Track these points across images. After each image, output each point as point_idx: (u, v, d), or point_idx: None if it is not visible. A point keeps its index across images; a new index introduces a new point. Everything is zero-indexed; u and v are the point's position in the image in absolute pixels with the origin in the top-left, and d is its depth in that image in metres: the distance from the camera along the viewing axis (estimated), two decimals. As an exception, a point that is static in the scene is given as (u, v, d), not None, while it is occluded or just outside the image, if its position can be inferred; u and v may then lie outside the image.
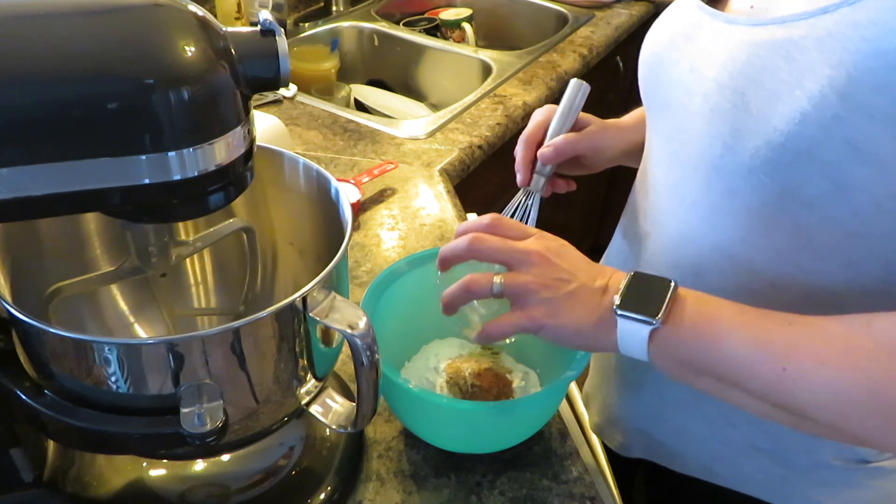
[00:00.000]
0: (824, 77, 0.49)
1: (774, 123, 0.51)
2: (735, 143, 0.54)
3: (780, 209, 0.54)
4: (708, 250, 0.61)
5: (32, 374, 0.52)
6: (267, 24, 0.46)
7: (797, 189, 0.52)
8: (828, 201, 0.52)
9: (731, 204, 0.57)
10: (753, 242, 0.58)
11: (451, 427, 0.67)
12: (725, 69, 0.56)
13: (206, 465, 0.65)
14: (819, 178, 0.51)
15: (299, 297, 0.49)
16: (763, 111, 0.52)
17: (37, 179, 0.41)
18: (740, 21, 0.57)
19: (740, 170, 0.55)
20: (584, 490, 0.67)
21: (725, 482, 0.72)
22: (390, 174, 1.10)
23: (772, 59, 0.52)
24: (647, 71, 0.68)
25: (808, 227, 0.54)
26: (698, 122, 0.58)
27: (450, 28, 1.68)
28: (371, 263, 0.94)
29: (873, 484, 0.66)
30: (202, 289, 0.73)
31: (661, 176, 0.67)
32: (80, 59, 0.40)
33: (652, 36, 0.68)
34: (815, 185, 0.51)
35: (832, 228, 0.53)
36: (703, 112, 0.58)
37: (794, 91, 0.50)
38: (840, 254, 0.54)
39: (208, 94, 0.42)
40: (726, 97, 0.55)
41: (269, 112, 1.26)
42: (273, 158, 0.63)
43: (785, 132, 0.50)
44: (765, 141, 0.52)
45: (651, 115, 0.69)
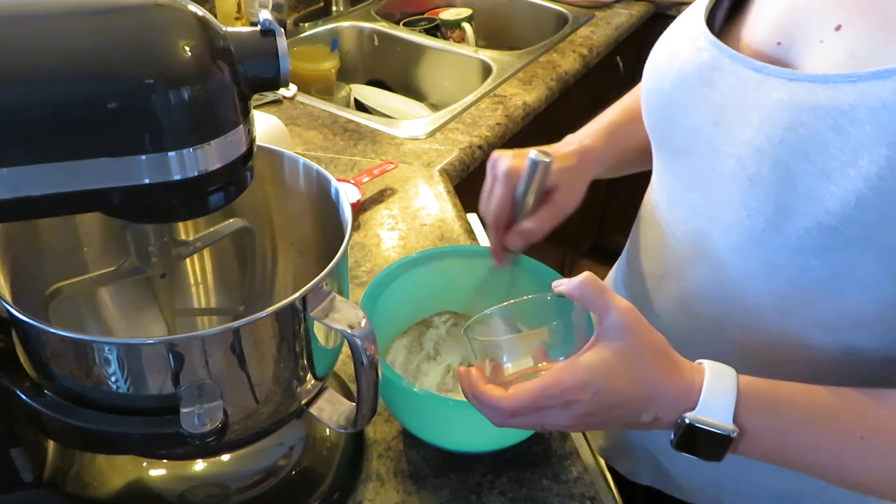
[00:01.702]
0: (881, 156, 0.44)
1: (826, 205, 0.46)
2: (780, 221, 0.50)
3: (826, 290, 0.51)
4: (736, 310, 0.58)
5: (32, 374, 0.52)
6: (267, 24, 0.46)
7: (849, 273, 0.48)
8: (880, 286, 0.48)
9: (771, 277, 0.53)
10: (791, 311, 0.54)
11: (450, 427, 0.67)
12: (763, 134, 0.50)
13: (206, 465, 0.65)
14: (875, 263, 0.47)
15: (299, 297, 0.49)
16: (812, 189, 0.47)
17: (37, 179, 0.41)
18: (772, 72, 0.51)
19: (786, 248, 0.51)
20: (584, 490, 0.67)
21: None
22: (390, 174, 1.10)
23: (818, 129, 0.47)
24: (656, 112, 0.62)
25: (856, 306, 0.51)
26: (733, 189, 0.53)
27: (450, 28, 1.68)
28: (371, 263, 0.94)
29: None
30: (202, 289, 0.73)
31: (678, 221, 0.63)
32: (80, 59, 0.40)
33: (657, 68, 0.61)
34: (868, 270, 0.47)
35: (883, 308, 0.50)
36: (738, 179, 0.53)
37: (847, 170, 0.45)
38: (885, 329, 0.51)
39: (208, 94, 0.42)
40: (767, 167, 0.50)
41: (269, 112, 1.26)
42: (273, 158, 0.63)
43: (839, 215, 0.46)
44: (816, 223, 0.47)
45: (663, 157, 0.64)
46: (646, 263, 0.69)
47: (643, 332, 0.49)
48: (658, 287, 0.66)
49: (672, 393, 0.49)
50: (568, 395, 0.49)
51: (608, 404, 0.49)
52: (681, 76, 0.58)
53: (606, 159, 0.71)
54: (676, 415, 0.49)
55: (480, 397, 0.52)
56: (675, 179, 0.62)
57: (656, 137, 0.64)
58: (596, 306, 0.50)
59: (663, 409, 0.49)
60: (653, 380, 0.49)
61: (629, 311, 0.49)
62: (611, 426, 0.51)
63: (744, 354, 0.58)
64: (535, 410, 0.50)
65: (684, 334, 0.58)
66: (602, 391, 0.48)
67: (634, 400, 0.49)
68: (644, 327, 0.49)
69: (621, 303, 0.49)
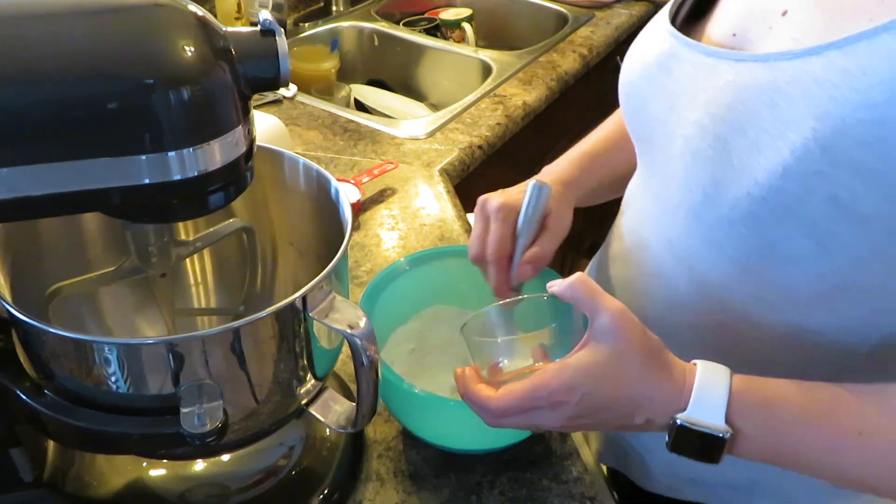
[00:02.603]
0: (808, 129, 0.46)
1: (756, 176, 0.49)
2: (715, 193, 0.52)
3: (760, 262, 0.52)
4: (684, 290, 0.59)
5: (32, 374, 0.52)
6: (267, 24, 0.46)
7: (778, 244, 0.50)
8: (809, 257, 0.50)
9: (711, 252, 0.55)
10: (732, 288, 0.56)
11: (450, 427, 0.67)
12: (707, 112, 0.53)
13: (206, 465, 0.65)
14: (802, 236, 0.49)
15: (299, 297, 0.49)
16: (745, 162, 0.49)
17: (37, 179, 0.41)
18: (721, 55, 0.54)
19: (720, 221, 0.53)
20: (584, 490, 0.67)
21: (691, 498, 0.72)
22: (390, 174, 1.10)
23: (755, 105, 0.49)
24: (625, 101, 0.65)
25: (791, 280, 0.52)
26: (679, 166, 0.56)
27: (450, 28, 1.68)
28: (371, 263, 0.94)
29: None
30: (202, 289, 0.73)
31: (640, 208, 0.66)
32: (80, 59, 0.40)
33: (628, 63, 0.65)
34: (796, 241, 0.49)
35: (817, 283, 0.51)
36: (683, 156, 0.55)
37: (776, 142, 0.47)
38: (824, 304, 0.53)
39: (208, 94, 0.42)
40: (708, 143, 0.52)
41: (269, 112, 1.26)
42: (273, 158, 0.63)
43: (766, 185, 0.48)
44: (745, 193, 0.50)
45: (636, 145, 0.67)
46: (614, 246, 0.71)
47: (633, 333, 0.49)
48: (620, 270, 0.69)
49: (662, 395, 0.49)
50: (555, 397, 0.49)
51: (597, 407, 0.50)
52: (644, 67, 0.60)
53: (585, 187, 0.73)
54: (669, 416, 0.49)
55: (472, 397, 0.53)
56: (643, 167, 0.66)
57: (631, 128, 0.66)
58: (586, 307, 0.50)
59: (655, 412, 0.49)
60: (642, 382, 0.49)
61: (620, 313, 0.49)
62: (603, 428, 0.52)
63: (694, 336, 0.60)
64: (524, 411, 0.51)
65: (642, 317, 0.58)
66: (590, 394, 0.49)
67: (624, 402, 0.49)
68: (635, 329, 0.50)
69: (612, 304, 0.49)
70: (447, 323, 0.77)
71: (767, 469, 0.60)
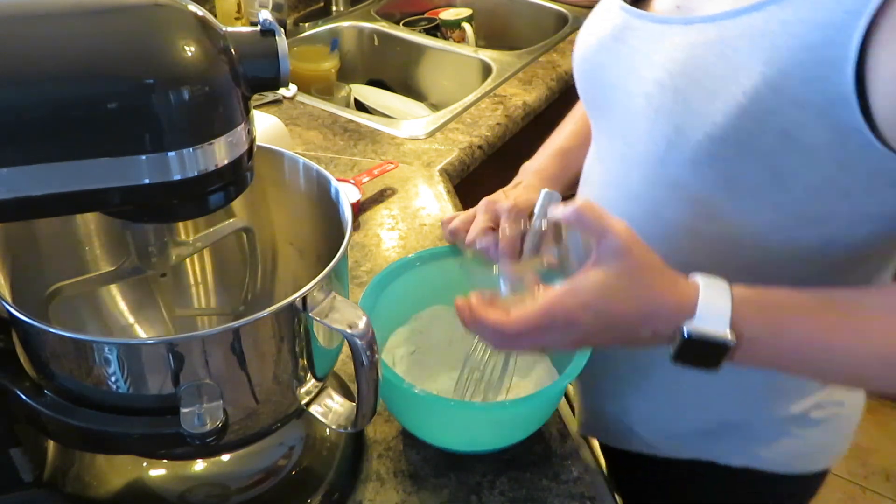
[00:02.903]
0: (757, 73, 0.51)
1: (714, 118, 0.53)
2: (679, 139, 0.57)
3: (723, 198, 0.57)
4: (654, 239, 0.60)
5: (32, 374, 0.52)
6: (267, 24, 0.46)
7: (738, 178, 0.55)
8: (767, 189, 0.55)
9: (677, 195, 0.60)
10: (697, 230, 0.61)
11: (450, 427, 0.67)
12: (665, 70, 0.58)
13: (206, 465, 0.65)
14: (758, 167, 0.54)
15: (299, 297, 0.49)
16: (703, 108, 0.54)
17: (37, 179, 0.41)
18: (671, 21, 0.59)
19: (685, 163, 0.57)
20: (584, 490, 0.67)
21: (668, 453, 0.77)
22: (390, 174, 1.10)
23: (707, 58, 0.54)
24: (582, 76, 0.69)
25: (750, 213, 0.57)
26: (642, 122, 0.60)
27: (450, 28, 1.68)
28: (371, 263, 0.94)
29: (802, 433, 0.72)
30: (202, 289, 0.73)
31: (604, 172, 0.69)
32: (80, 59, 0.40)
33: (580, 42, 0.70)
34: (755, 174, 0.54)
35: (772, 214, 0.56)
36: (646, 112, 0.60)
37: (730, 87, 0.52)
38: (781, 233, 0.57)
39: (208, 94, 0.42)
40: (668, 97, 0.57)
41: (269, 112, 1.26)
42: (273, 158, 0.63)
43: (724, 126, 0.53)
44: (706, 135, 0.54)
45: (593, 117, 0.71)
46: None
47: (641, 251, 0.52)
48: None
49: (670, 307, 0.52)
50: (571, 317, 0.52)
51: (608, 323, 0.52)
52: (600, 41, 0.66)
53: (564, 181, 0.78)
54: (675, 327, 0.51)
55: (483, 321, 0.55)
56: (602, 134, 0.70)
57: (586, 100, 0.71)
58: (593, 230, 0.53)
59: (662, 324, 0.52)
60: (651, 297, 0.52)
61: (627, 232, 0.52)
62: (611, 344, 0.54)
63: None
64: (538, 332, 0.53)
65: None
66: (603, 311, 0.52)
67: (634, 317, 0.52)
68: (641, 246, 0.52)
69: (618, 225, 0.52)
70: (447, 323, 0.77)
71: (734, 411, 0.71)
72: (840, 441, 0.76)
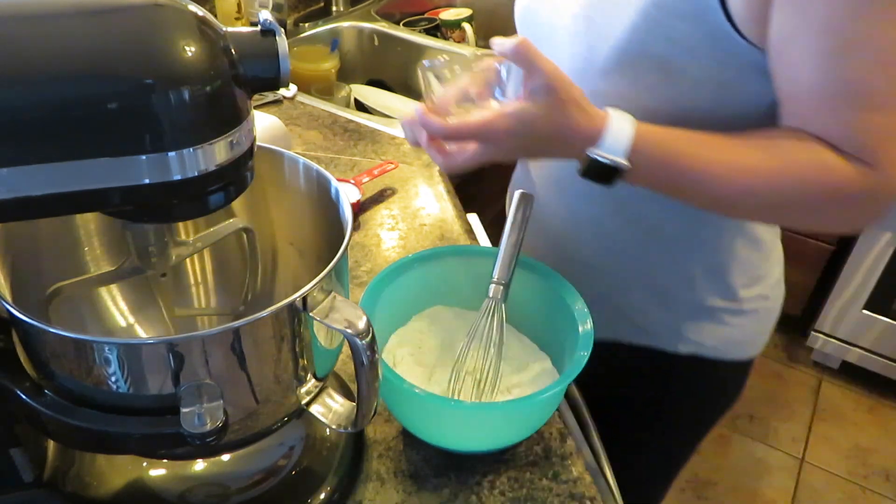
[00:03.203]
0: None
1: (616, 34, 0.67)
2: (591, 55, 0.70)
3: (631, 101, 0.67)
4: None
5: (32, 374, 0.52)
6: (267, 24, 0.46)
7: (640, 80, 0.68)
8: (662, 87, 0.67)
9: (595, 103, 0.65)
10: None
11: (451, 427, 0.67)
12: (577, 3, 0.71)
13: (206, 465, 0.65)
14: (653, 68, 0.67)
15: (299, 297, 0.49)
16: (607, 27, 0.68)
17: (37, 179, 0.41)
18: None
19: (598, 73, 0.70)
20: (584, 490, 0.67)
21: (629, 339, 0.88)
22: (390, 174, 1.10)
23: None
24: (521, 21, 0.83)
25: (650, 111, 0.66)
26: (565, 46, 0.73)
27: (450, 28, 1.68)
28: (371, 263, 0.94)
29: (735, 321, 0.85)
30: (202, 289, 0.73)
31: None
32: (80, 59, 0.40)
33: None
34: (651, 75, 0.67)
35: (669, 107, 0.68)
36: (565, 38, 0.73)
37: (626, 9, 0.65)
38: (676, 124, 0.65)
39: (208, 95, 0.42)
40: (581, 24, 0.71)
41: (269, 112, 1.26)
42: (273, 158, 0.63)
43: (624, 39, 0.66)
44: (610, 48, 0.68)
45: None
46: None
47: (564, 88, 0.61)
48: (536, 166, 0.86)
49: (582, 136, 0.62)
50: (499, 137, 0.62)
51: (531, 145, 0.64)
52: None
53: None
54: (584, 150, 0.63)
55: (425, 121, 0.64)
56: None
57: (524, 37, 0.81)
58: (525, 66, 0.61)
59: (574, 148, 0.63)
60: (567, 126, 0.62)
61: (554, 72, 0.61)
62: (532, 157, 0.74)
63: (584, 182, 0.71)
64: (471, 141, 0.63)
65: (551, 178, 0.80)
66: (526, 136, 0.62)
67: (553, 141, 0.63)
68: (565, 83, 0.61)
69: (547, 65, 0.60)
70: (447, 323, 0.77)
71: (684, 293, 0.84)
72: (764, 331, 0.91)
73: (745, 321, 0.87)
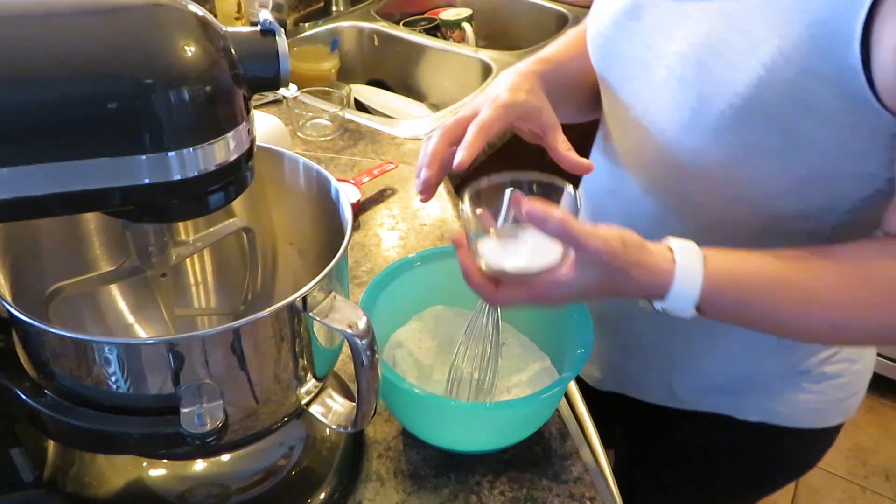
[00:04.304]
0: (773, 46, 0.55)
1: (736, 88, 0.58)
2: (702, 107, 0.61)
3: (742, 163, 0.61)
4: (673, 202, 0.69)
5: (32, 374, 0.52)
6: (267, 24, 0.46)
7: (757, 143, 0.60)
8: (782, 152, 0.59)
9: (696, 160, 0.63)
10: (716, 191, 0.65)
11: (451, 427, 0.67)
12: (686, 43, 0.62)
13: (206, 465, 0.65)
14: (776, 133, 0.58)
15: (299, 297, 0.49)
16: (725, 78, 0.59)
17: (37, 179, 0.41)
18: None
19: (708, 130, 0.61)
20: (584, 490, 0.67)
21: (686, 405, 0.82)
22: (390, 174, 1.10)
23: (726, 32, 0.59)
24: (598, 52, 0.73)
25: (766, 176, 0.61)
26: (665, 92, 0.64)
27: (450, 28, 1.68)
28: (371, 263, 0.94)
29: (816, 389, 0.77)
30: (202, 289, 0.73)
31: (621, 141, 0.73)
32: (80, 59, 0.40)
33: (593, 20, 0.74)
34: (772, 139, 0.59)
35: (786, 175, 0.61)
36: (668, 82, 0.64)
37: (749, 59, 0.57)
38: (791, 194, 0.62)
39: (208, 95, 0.42)
40: (690, 68, 0.61)
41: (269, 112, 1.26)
42: (273, 158, 0.63)
43: (745, 95, 0.57)
44: (728, 104, 0.59)
45: (608, 88, 0.73)
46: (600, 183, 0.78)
47: (619, 258, 0.55)
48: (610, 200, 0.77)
49: (646, 293, 0.58)
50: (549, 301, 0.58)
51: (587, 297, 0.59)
52: (612, 18, 0.69)
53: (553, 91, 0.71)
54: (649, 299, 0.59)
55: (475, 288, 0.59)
56: (619, 106, 0.72)
57: (602, 72, 0.73)
58: (571, 243, 0.56)
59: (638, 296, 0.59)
60: (628, 290, 0.57)
61: (604, 248, 0.55)
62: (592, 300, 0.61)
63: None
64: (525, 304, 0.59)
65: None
66: (581, 297, 0.59)
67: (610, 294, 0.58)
68: (619, 255, 0.55)
69: (594, 241, 0.54)
70: (447, 323, 0.77)
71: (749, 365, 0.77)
72: (851, 397, 0.80)
73: (826, 387, 0.78)
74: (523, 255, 0.59)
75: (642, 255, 0.56)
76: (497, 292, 0.58)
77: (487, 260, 0.59)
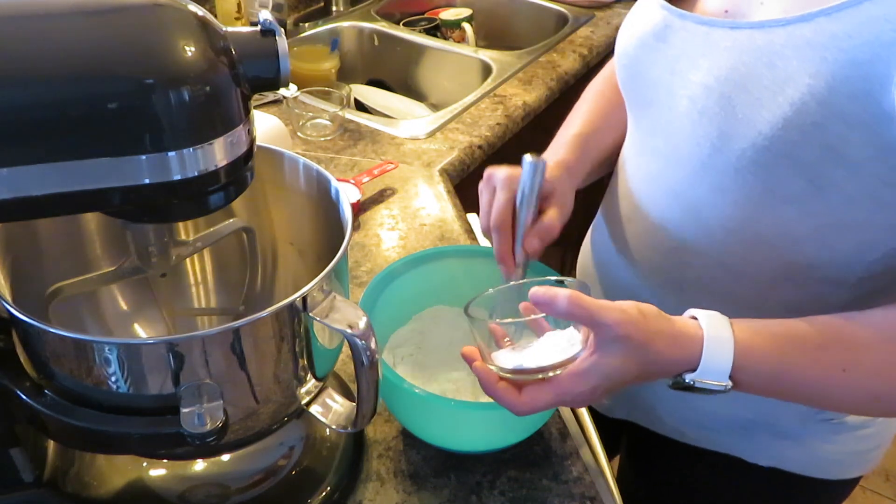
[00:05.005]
0: (804, 85, 0.51)
1: (759, 128, 0.54)
2: (723, 145, 0.58)
3: (762, 205, 0.58)
4: (691, 235, 0.65)
5: (32, 374, 0.52)
6: (267, 24, 0.46)
7: (778, 187, 0.56)
8: (806, 198, 0.56)
9: (717, 198, 0.61)
10: (736, 232, 0.62)
11: (451, 427, 0.67)
12: (711, 73, 0.58)
13: (206, 465, 0.65)
14: (799, 177, 0.55)
15: (299, 297, 0.49)
16: (749, 116, 0.55)
17: (37, 179, 0.41)
18: (716, 24, 0.59)
19: (727, 169, 0.58)
20: (584, 490, 0.67)
21: (696, 442, 0.79)
22: (390, 174, 1.10)
23: (755, 65, 0.55)
24: (623, 72, 0.70)
25: (788, 220, 0.58)
26: (686, 123, 0.61)
27: (450, 28, 1.68)
28: (371, 263, 0.94)
29: (836, 439, 0.72)
30: (202, 289, 0.73)
31: (641, 166, 0.70)
32: (80, 59, 0.40)
33: (622, 38, 0.70)
34: (795, 184, 0.55)
35: (810, 221, 0.57)
36: (690, 114, 0.60)
37: (776, 98, 0.53)
38: (817, 240, 0.58)
39: (208, 94, 0.42)
40: (713, 100, 0.58)
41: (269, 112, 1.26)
42: (273, 158, 0.63)
43: (769, 136, 0.54)
44: (751, 144, 0.55)
45: (633, 111, 0.71)
46: (614, 209, 0.76)
47: (639, 330, 0.52)
48: (626, 229, 0.73)
49: (676, 367, 0.54)
50: (578, 398, 0.54)
51: (616, 387, 0.54)
52: (640, 38, 0.66)
53: (583, 171, 0.76)
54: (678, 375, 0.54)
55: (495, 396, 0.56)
56: (642, 129, 0.70)
57: (626, 94, 0.71)
58: (587, 324, 0.53)
59: (666, 375, 0.55)
60: (656, 364, 0.53)
61: (622, 322, 0.51)
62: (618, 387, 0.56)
63: (697, 280, 0.66)
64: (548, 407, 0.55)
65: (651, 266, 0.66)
66: (610, 383, 0.54)
67: (640, 378, 0.54)
68: (639, 327, 0.52)
69: (610, 315, 0.51)
70: (447, 323, 0.77)
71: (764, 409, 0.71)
72: (874, 450, 0.75)
73: (847, 438, 0.73)
74: (542, 353, 0.57)
75: (663, 324, 0.53)
76: (520, 398, 0.55)
77: (504, 364, 0.57)
